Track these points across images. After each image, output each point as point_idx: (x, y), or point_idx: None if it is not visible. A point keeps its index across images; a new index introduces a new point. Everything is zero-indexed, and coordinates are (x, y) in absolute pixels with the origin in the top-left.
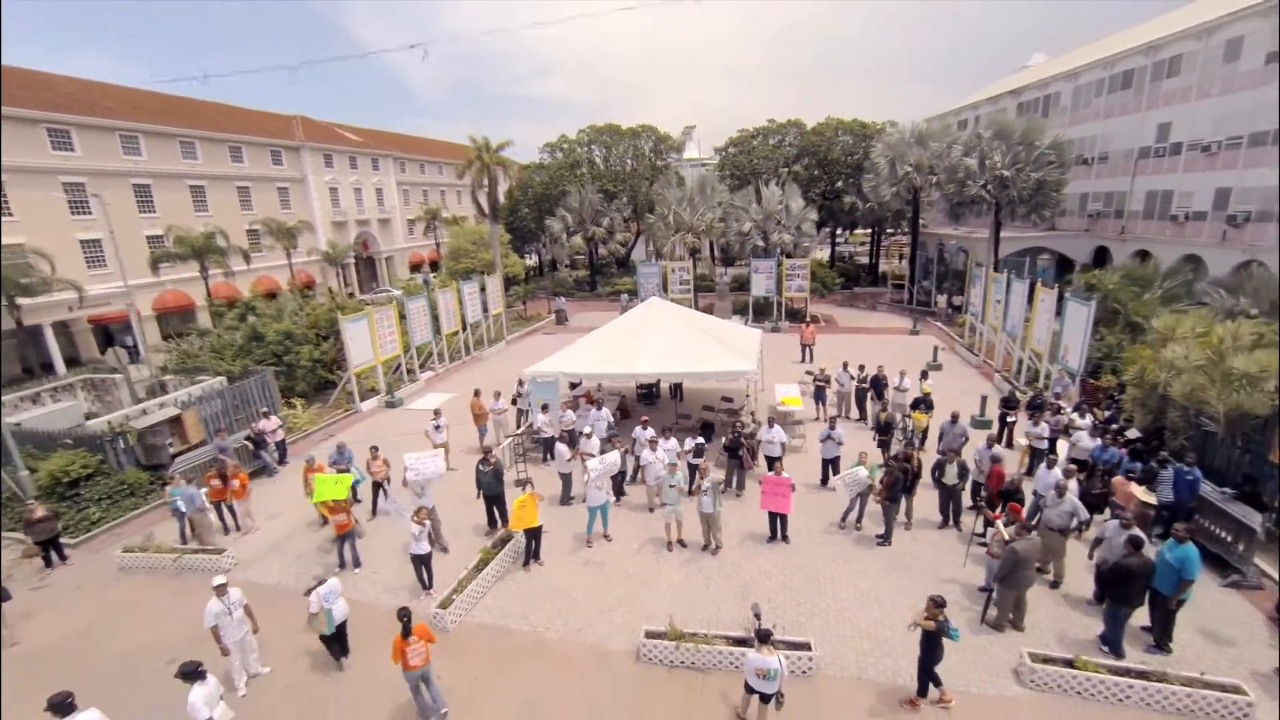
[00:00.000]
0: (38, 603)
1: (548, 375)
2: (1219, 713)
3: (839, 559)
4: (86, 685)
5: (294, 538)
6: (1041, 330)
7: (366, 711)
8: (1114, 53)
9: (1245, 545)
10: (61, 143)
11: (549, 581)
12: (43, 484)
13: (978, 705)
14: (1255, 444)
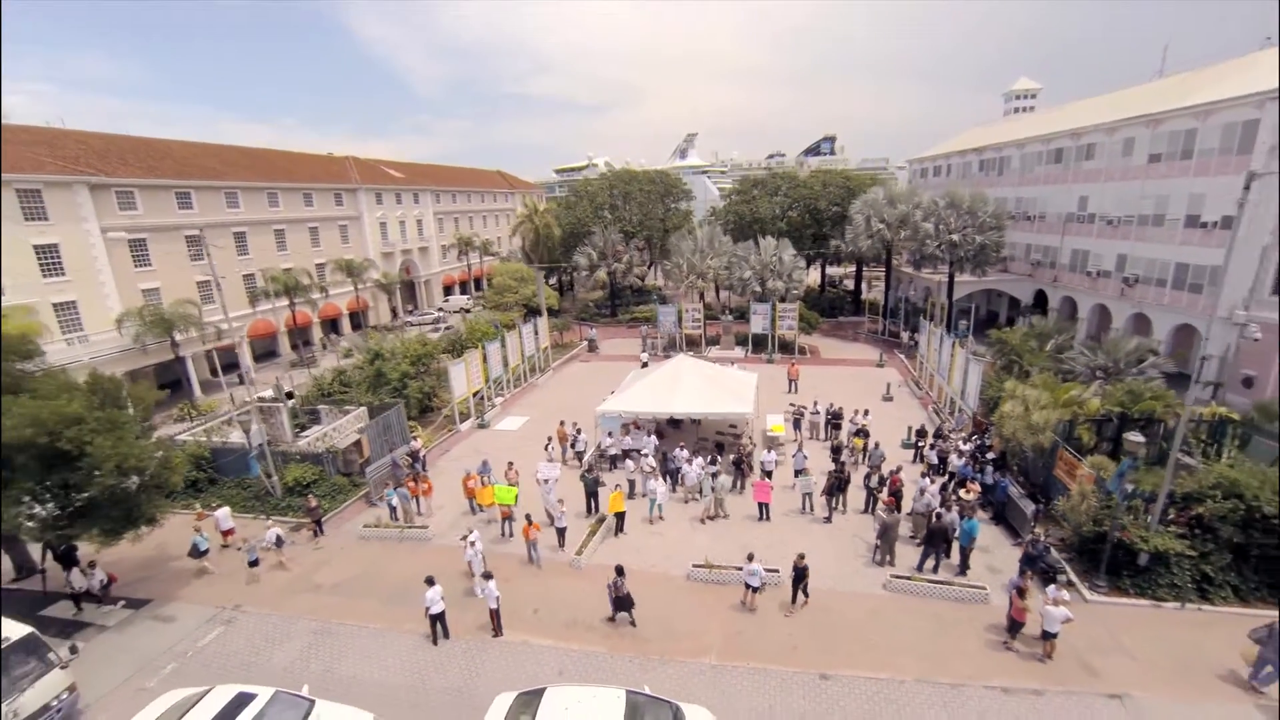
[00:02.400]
0: (324, 557)
1: (612, 413)
2: (970, 598)
3: (798, 530)
4: (380, 599)
5: (460, 520)
6: (958, 376)
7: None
8: (1050, 131)
9: (1026, 520)
10: (184, 203)
11: (630, 543)
12: (287, 485)
13: (863, 599)
14: (1047, 464)
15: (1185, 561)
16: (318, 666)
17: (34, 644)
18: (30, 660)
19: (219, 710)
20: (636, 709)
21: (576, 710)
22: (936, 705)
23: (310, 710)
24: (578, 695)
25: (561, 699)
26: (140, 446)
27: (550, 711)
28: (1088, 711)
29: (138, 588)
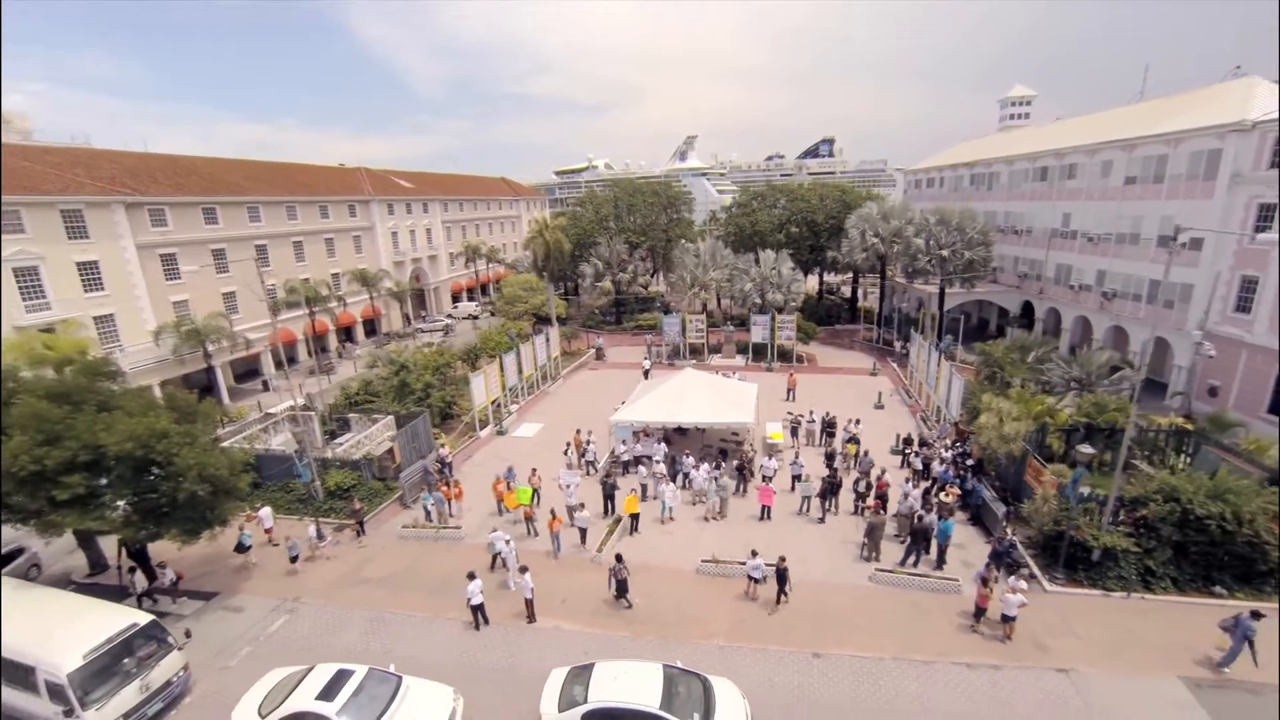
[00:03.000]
0: (369, 554)
1: (624, 422)
2: (944, 588)
3: (795, 529)
4: (424, 591)
5: (489, 520)
6: (943, 387)
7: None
8: (1036, 150)
9: (997, 521)
10: (210, 218)
11: (644, 541)
12: (329, 489)
13: (851, 590)
14: (1018, 470)
15: (1131, 557)
16: (377, 649)
17: (157, 629)
18: (154, 643)
19: (325, 684)
20: (672, 680)
21: (623, 680)
22: (911, 678)
23: (399, 685)
24: (623, 668)
25: (609, 671)
26: (215, 455)
27: (601, 681)
28: (1037, 683)
29: (203, 582)
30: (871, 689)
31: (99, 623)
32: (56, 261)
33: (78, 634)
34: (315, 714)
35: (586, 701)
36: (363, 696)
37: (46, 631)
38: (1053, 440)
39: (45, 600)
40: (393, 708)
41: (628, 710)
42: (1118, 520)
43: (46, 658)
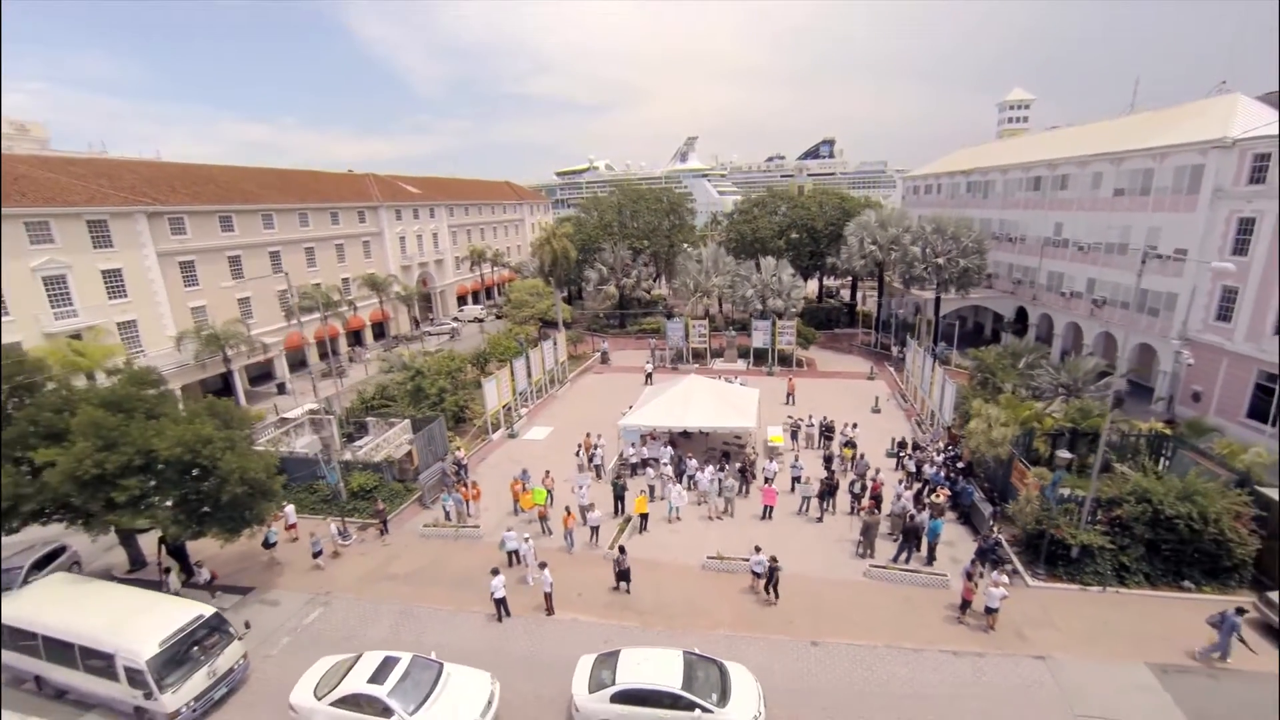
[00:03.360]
0: (393, 552)
1: (632, 426)
2: (933, 583)
3: (795, 527)
4: (447, 586)
5: (505, 520)
6: (937, 392)
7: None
8: (1030, 160)
9: (985, 520)
10: (226, 225)
11: (653, 539)
12: (352, 490)
13: (847, 584)
14: (1005, 472)
15: (1107, 553)
16: (407, 639)
17: (220, 621)
18: (218, 634)
19: (375, 669)
20: (691, 664)
21: (647, 665)
22: (901, 665)
23: (441, 670)
24: (647, 654)
25: (634, 657)
26: (254, 459)
27: (627, 666)
28: (1016, 669)
29: (238, 577)
30: (865, 674)
31: (169, 614)
32: (83, 270)
33: (151, 624)
34: (368, 695)
35: (614, 684)
36: (409, 681)
37: (122, 622)
38: (1039, 444)
39: (112, 594)
40: (437, 690)
41: (652, 691)
42: (1095, 519)
43: (126, 646)
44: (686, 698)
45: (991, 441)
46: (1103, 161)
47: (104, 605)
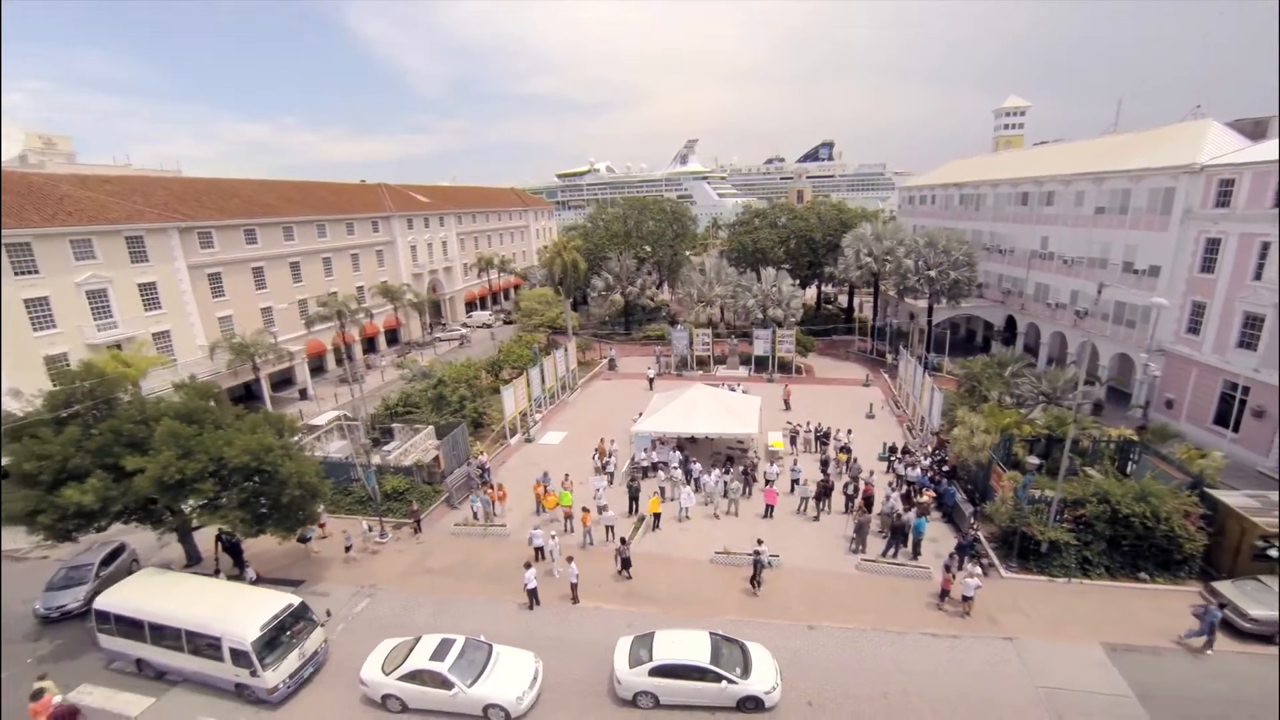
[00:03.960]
0: (428, 549)
1: (643, 433)
2: (917, 575)
3: (794, 525)
4: (481, 579)
5: (529, 519)
6: (926, 399)
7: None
8: (1019, 176)
9: (965, 518)
10: (251, 238)
11: (665, 536)
12: (385, 493)
13: (840, 576)
14: (985, 475)
15: (1072, 548)
16: (448, 626)
17: (305, 609)
18: (303, 621)
19: (434, 648)
20: (717, 643)
21: (679, 644)
22: (886, 645)
23: (491, 649)
24: (678, 635)
25: (668, 637)
26: (308, 465)
27: (662, 645)
28: (987, 648)
29: (287, 571)
30: (855, 653)
31: (264, 602)
32: (122, 284)
33: (251, 611)
34: (431, 670)
35: (652, 660)
36: (465, 659)
37: (224, 610)
38: (1018, 449)
39: (203, 586)
40: (489, 667)
41: (684, 665)
42: (1061, 518)
43: (232, 630)
44: (714, 670)
45: (973, 447)
46: (1085, 181)
47: (201, 596)
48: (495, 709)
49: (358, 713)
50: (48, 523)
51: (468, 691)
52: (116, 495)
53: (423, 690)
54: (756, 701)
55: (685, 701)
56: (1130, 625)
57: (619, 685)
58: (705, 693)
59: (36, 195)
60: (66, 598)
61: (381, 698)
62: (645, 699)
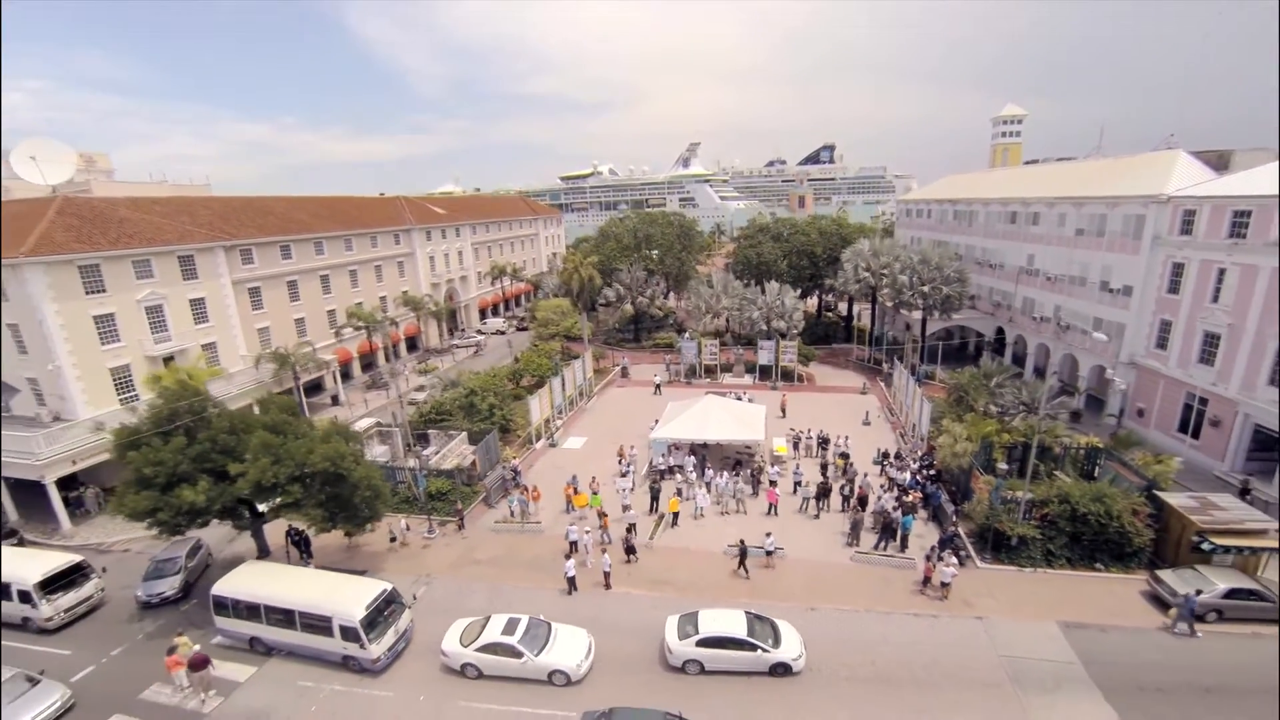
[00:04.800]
0: (472, 544)
1: (661, 439)
2: (904, 565)
3: (797, 522)
4: (523, 568)
5: (560, 517)
6: (916, 408)
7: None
8: (1007, 196)
9: (948, 516)
10: (286, 254)
11: (683, 532)
12: (430, 493)
13: (837, 566)
14: (966, 478)
15: (1038, 542)
16: (499, 608)
17: (396, 594)
18: (395, 604)
19: (504, 625)
20: (751, 620)
21: (720, 620)
22: (876, 623)
23: (551, 627)
24: (718, 613)
25: (709, 614)
26: (374, 469)
27: (705, 621)
28: (961, 626)
29: (349, 563)
30: (849, 630)
31: (363, 588)
32: (175, 299)
33: (354, 595)
34: (504, 643)
35: (698, 633)
36: (530, 634)
37: (330, 594)
38: (998, 455)
39: (303, 574)
40: (551, 640)
41: (725, 637)
42: (1029, 516)
43: (341, 610)
44: (750, 641)
45: (955, 454)
46: (1066, 204)
47: (305, 583)
48: (558, 674)
49: (440, 680)
50: (165, 519)
51: (535, 660)
52: (217, 495)
53: (497, 659)
54: (786, 667)
55: (726, 668)
56: (1083, 607)
57: (670, 654)
58: (743, 660)
59: (100, 220)
60: (163, 586)
61: (461, 666)
62: (693, 666)
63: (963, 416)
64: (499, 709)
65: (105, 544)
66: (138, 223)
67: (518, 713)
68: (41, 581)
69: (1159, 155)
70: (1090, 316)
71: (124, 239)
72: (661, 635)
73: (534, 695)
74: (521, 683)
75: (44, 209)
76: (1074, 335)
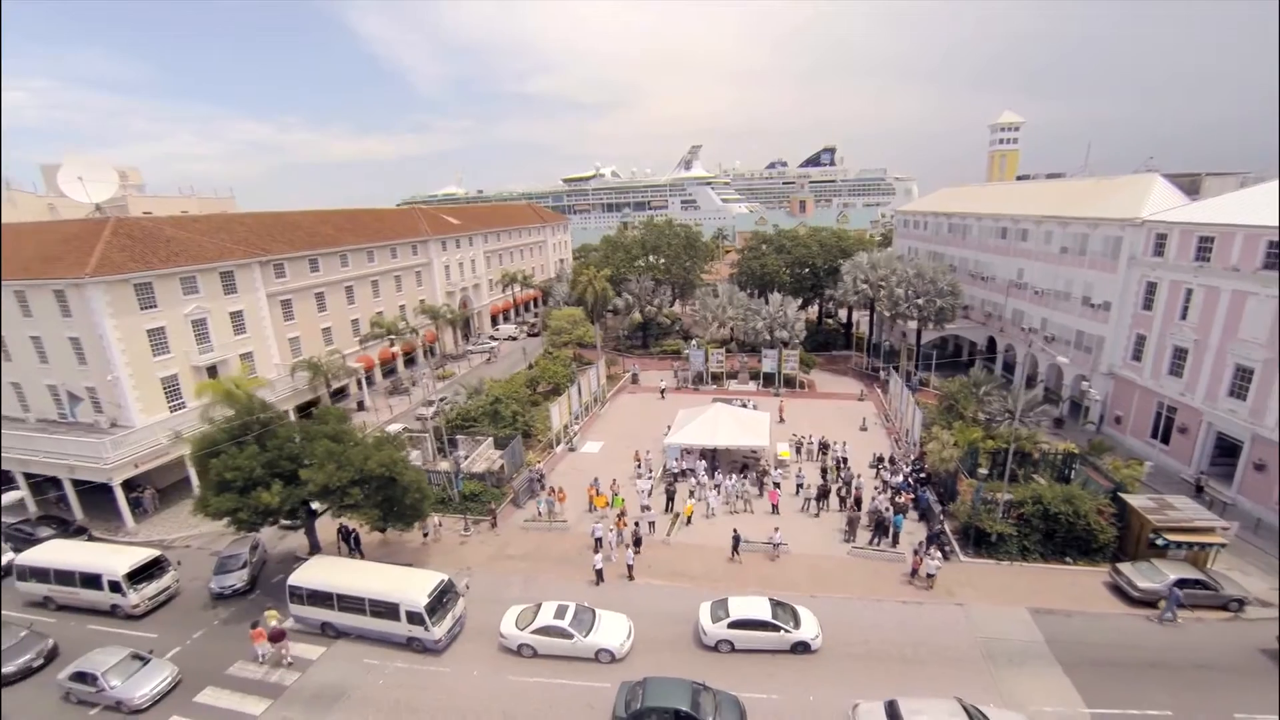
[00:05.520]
0: (505, 540)
1: (674, 445)
2: (894, 559)
3: (799, 520)
4: (553, 562)
5: (584, 517)
6: (909, 416)
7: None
8: (999, 212)
9: (935, 515)
10: (314, 267)
11: (696, 529)
12: (465, 494)
13: (835, 559)
14: (953, 480)
15: (1014, 539)
16: (535, 596)
17: (451, 584)
18: (452, 592)
19: (555, 610)
20: (774, 605)
21: (747, 605)
22: (868, 610)
23: (595, 612)
24: (745, 599)
25: (738, 600)
26: (421, 473)
27: (734, 606)
28: (943, 611)
29: (393, 557)
30: (845, 615)
31: (423, 578)
32: (217, 313)
33: (417, 584)
34: (556, 626)
35: (728, 616)
36: (578, 618)
37: (396, 584)
38: (982, 460)
39: (368, 567)
40: (596, 623)
41: (753, 619)
42: (1007, 515)
43: (408, 597)
44: (773, 623)
45: (942, 459)
46: (1053, 223)
47: (369, 575)
48: (604, 652)
49: (492, 658)
50: (244, 518)
51: (584, 640)
52: (286, 497)
53: (550, 640)
54: (805, 645)
55: (753, 646)
56: (1052, 595)
57: (705, 635)
58: (768, 640)
59: (150, 239)
60: (233, 579)
61: (518, 646)
62: (724, 645)
63: (952, 424)
64: (544, 682)
65: (168, 540)
66: (183, 241)
67: (560, 685)
68: (129, 573)
69: (1137, 179)
70: (1074, 329)
71: (173, 257)
72: (683, 619)
73: (574, 670)
74: (566, 660)
75: (98, 230)
76: (1059, 346)
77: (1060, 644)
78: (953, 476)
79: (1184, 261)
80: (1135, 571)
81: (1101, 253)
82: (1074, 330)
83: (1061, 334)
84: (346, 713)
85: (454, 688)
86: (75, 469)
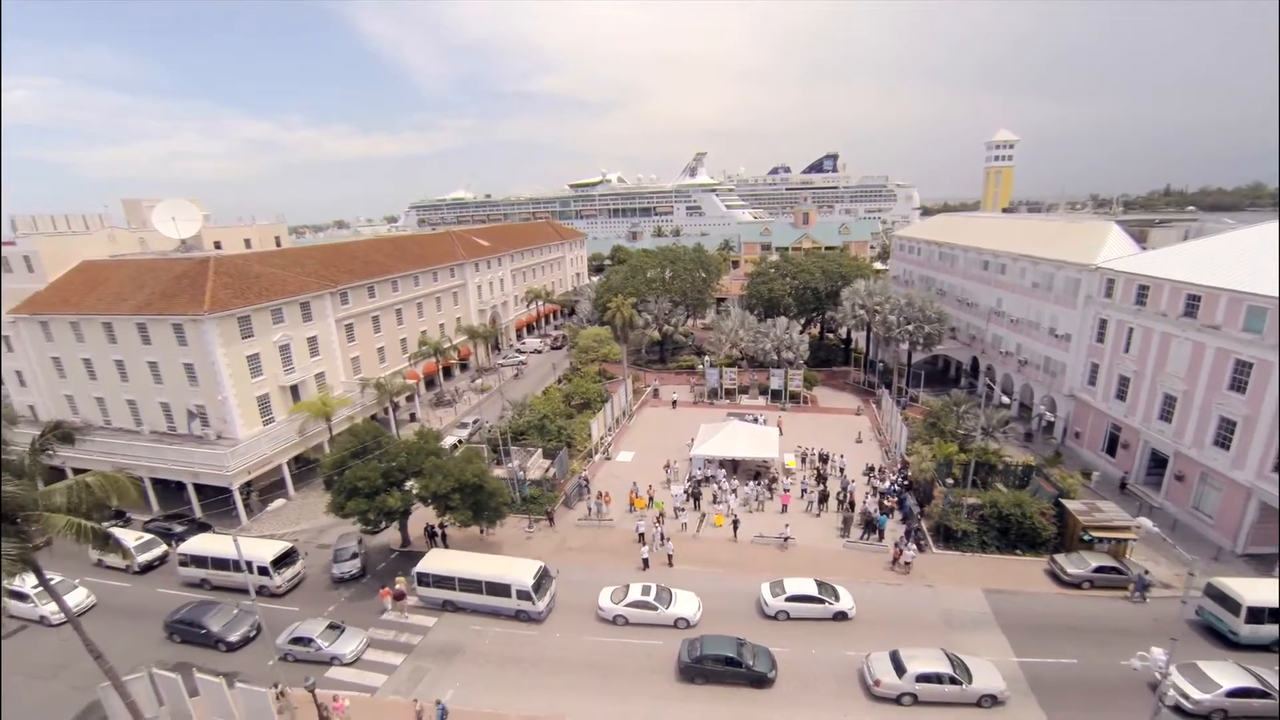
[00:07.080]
0: (562, 536)
1: (698, 455)
2: (879, 551)
3: (803, 519)
4: (605, 553)
5: (626, 517)
6: (897, 430)
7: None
8: (981, 246)
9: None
10: (371, 294)
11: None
12: (524, 498)
13: (833, 551)
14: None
15: (974, 535)
16: (597, 580)
17: (547, 570)
18: (548, 576)
19: (640, 590)
20: (820, 584)
21: (798, 583)
22: (856, 589)
23: (672, 590)
24: (798, 580)
25: (791, 580)
26: (501, 481)
27: (789, 584)
28: (916, 591)
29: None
30: None
31: (525, 565)
32: (298, 339)
33: (522, 569)
34: (644, 600)
35: (785, 592)
36: (660, 595)
37: (506, 569)
38: (956, 471)
39: (477, 557)
40: (674, 598)
41: (805, 595)
42: (970, 516)
43: (517, 579)
44: (819, 597)
45: (922, 470)
46: (1025, 261)
47: (482, 562)
48: (682, 620)
49: (574, 625)
50: (371, 518)
51: (666, 611)
52: (404, 500)
53: (640, 611)
54: (844, 614)
55: (804, 615)
56: (1003, 579)
57: (766, 607)
58: (816, 610)
59: (243, 276)
60: (349, 566)
61: (613, 618)
62: (782, 615)
63: (932, 440)
64: (611, 641)
65: (279, 535)
66: (270, 277)
67: (624, 643)
68: (274, 560)
69: (1096, 225)
70: (1043, 355)
71: (264, 293)
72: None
73: (635, 632)
74: (637, 627)
75: (203, 269)
76: (1030, 370)
77: (1004, 614)
78: (929, 484)
79: (1127, 304)
80: (1067, 561)
81: (1064, 290)
82: (1043, 356)
83: (1033, 359)
84: (466, 662)
85: (543, 644)
86: (199, 475)
